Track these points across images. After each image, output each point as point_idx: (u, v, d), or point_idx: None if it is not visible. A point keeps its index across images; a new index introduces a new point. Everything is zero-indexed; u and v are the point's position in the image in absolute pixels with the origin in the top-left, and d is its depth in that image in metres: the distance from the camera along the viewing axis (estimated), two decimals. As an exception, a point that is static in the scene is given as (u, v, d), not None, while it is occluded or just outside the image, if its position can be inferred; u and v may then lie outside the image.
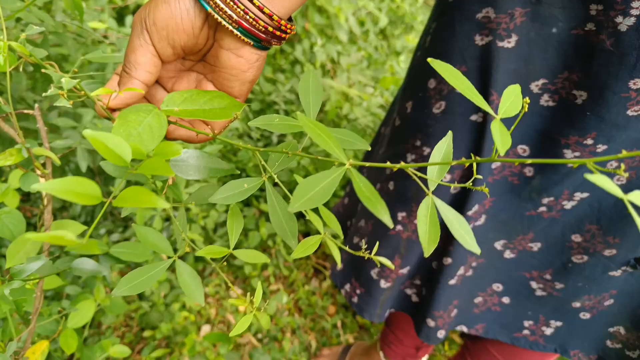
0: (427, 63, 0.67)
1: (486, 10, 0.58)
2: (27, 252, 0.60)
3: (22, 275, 0.51)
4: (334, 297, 1.48)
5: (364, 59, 2.19)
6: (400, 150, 0.76)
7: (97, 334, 1.18)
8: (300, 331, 1.34)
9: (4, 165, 0.52)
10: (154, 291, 1.23)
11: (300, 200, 0.26)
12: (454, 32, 0.62)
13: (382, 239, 0.84)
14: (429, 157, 0.70)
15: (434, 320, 0.83)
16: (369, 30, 2.27)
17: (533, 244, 0.72)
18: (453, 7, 0.62)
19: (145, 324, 1.22)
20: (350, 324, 1.40)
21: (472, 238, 0.30)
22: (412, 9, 2.68)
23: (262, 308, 0.52)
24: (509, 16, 0.56)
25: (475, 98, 0.28)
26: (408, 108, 0.74)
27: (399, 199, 0.79)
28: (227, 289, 1.41)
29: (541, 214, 0.68)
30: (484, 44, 0.59)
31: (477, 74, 0.61)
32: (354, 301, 0.94)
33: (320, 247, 1.59)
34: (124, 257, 0.60)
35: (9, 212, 0.61)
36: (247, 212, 1.55)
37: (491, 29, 0.58)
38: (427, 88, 0.68)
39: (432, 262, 0.82)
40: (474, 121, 0.64)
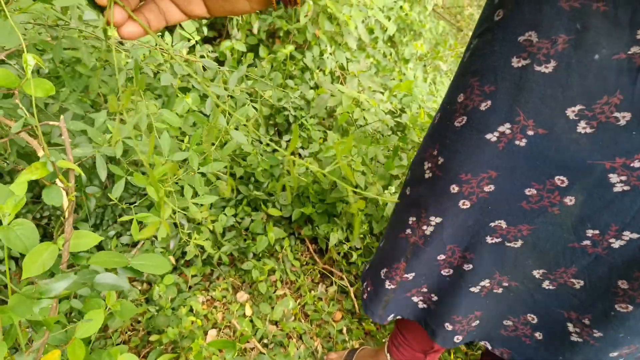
0: (462, 77, 0.68)
1: (529, 33, 0.57)
2: (44, 262, 0.61)
3: (50, 293, 0.52)
4: (340, 303, 1.49)
5: (372, 66, 2.20)
6: (421, 157, 0.78)
7: (104, 337, 1.19)
8: (306, 337, 1.34)
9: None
10: (161, 295, 1.24)
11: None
12: (493, 51, 0.62)
13: (394, 240, 0.85)
14: (442, 166, 0.71)
15: (452, 324, 0.84)
16: (377, 38, 2.27)
17: (575, 280, 0.70)
18: (497, 27, 0.62)
19: (152, 327, 1.23)
20: (356, 330, 1.40)
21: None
22: (421, 17, 2.69)
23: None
24: (552, 42, 0.56)
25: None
26: (436, 119, 0.75)
27: (413, 204, 0.80)
28: (234, 293, 1.42)
29: (585, 247, 0.66)
30: (519, 67, 0.59)
31: (506, 94, 0.61)
32: (364, 297, 0.96)
33: (327, 252, 1.60)
34: (144, 269, 0.60)
35: (21, 223, 0.61)
36: (255, 217, 1.56)
37: (530, 53, 0.58)
38: (456, 102, 0.69)
39: (443, 270, 0.83)
40: (488, 139, 0.65)
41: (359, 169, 1.46)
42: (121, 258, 0.65)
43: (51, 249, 0.61)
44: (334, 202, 1.57)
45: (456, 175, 0.70)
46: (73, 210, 0.65)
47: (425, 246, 0.79)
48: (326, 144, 1.68)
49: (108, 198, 1.28)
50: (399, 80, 2.34)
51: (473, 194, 0.70)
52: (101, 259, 0.64)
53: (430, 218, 0.76)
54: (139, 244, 1.30)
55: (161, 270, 0.66)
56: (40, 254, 0.60)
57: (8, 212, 0.59)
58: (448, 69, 3.08)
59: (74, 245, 0.65)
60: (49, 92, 0.64)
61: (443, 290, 0.85)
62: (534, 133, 0.61)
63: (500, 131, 0.63)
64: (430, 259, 0.81)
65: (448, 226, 0.75)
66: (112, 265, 0.64)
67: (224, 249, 1.42)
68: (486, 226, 0.72)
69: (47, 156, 0.62)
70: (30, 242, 0.61)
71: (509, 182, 0.66)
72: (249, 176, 1.63)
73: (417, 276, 0.85)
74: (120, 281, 0.64)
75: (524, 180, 0.65)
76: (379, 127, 1.81)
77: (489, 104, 0.64)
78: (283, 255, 1.54)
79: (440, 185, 0.72)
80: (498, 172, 0.66)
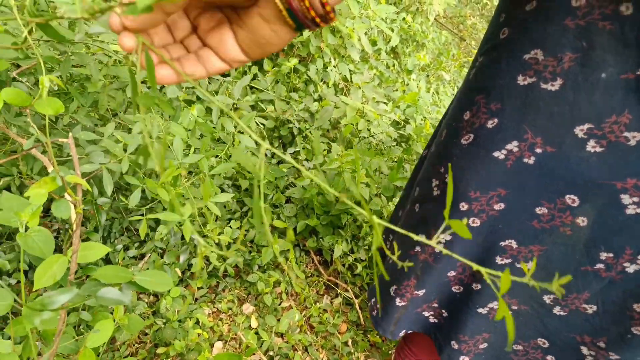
0: (468, 95, 0.69)
1: (535, 51, 0.58)
2: (54, 274, 0.62)
3: (53, 306, 0.53)
4: (345, 315, 1.49)
5: (375, 77, 2.21)
6: (428, 174, 0.78)
7: (112, 350, 1.20)
8: (312, 349, 1.35)
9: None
10: (168, 308, 1.25)
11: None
12: (498, 69, 0.63)
13: (403, 259, 0.85)
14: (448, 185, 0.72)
15: (458, 344, 0.84)
16: (380, 49, 2.29)
17: (588, 305, 0.68)
18: (503, 45, 0.63)
19: (159, 340, 1.24)
20: (361, 342, 1.40)
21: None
22: (423, 27, 2.71)
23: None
24: (557, 60, 0.56)
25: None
26: (443, 135, 0.76)
27: (422, 222, 0.81)
28: (239, 305, 1.43)
29: (598, 271, 0.64)
30: (525, 84, 0.60)
31: (513, 112, 0.61)
32: (373, 314, 0.96)
33: (332, 264, 1.60)
34: (148, 285, 0.61)
35: (38, 230, 0.63)
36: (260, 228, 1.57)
37: (537, 71, 0.58)
38: (462, 119, 0.69)
39: (453, 287, 0.83)
40: (496, 157, 0.65)
41: (363, 180, 1.47)
42: (126, 273, 0.66)
43: (61, 260, 0.62)
44: (338, 214, 1.58)
45: (465, 193, 0.70)
46: (80, 223, 0.66)
47: (435, 263, 0.80)
48: (330, 156, 1.69)
49: (116, 210, 1.29)
50: (402, 91, 2.36)
51: (483, 211, 0.70)
52: (106, 273, 0.66)
53: (440, 236, 0.76)
54: (146, 256, 1.31)
55: (164, 288, 0.67)
56: (51, 265, 0.61)
57: (25, 220, 0.61)
58: (451, 79, 3.10)
59: (83, 257, 0.66)
60: (59, 110, 0.66)
61: (452, 306, 0.85)
62: (543, 151, 0.61)
63: (508, 149, 0.64)
64: (441, 275, 0.81)
65: (458, 243, 0.75)
66: (116, 280, 0.65)
67: (230, 261, 1.42)
68: (496, 245, 0.72)
69: (57, 172, 0.63)
70: (47, 248, 0.63)
71: (519, 200, 0.66)
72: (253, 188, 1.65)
73: (427, 292, 0.85)
74: (123, 296, 0.65)
75: (534, 199, 0.65)
76: (382, 138, 1.82)
77: (495, 122, 0.64)
78: (288, 267, 1.55)
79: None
80: (507, 190, 0.66)
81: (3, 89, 0.62)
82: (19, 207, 0.65)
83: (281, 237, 1.61)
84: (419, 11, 2.76)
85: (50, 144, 0.59)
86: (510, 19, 0.63)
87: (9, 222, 0.63)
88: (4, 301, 0.61)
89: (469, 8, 3.87)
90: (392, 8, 2.04)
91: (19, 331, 0.69)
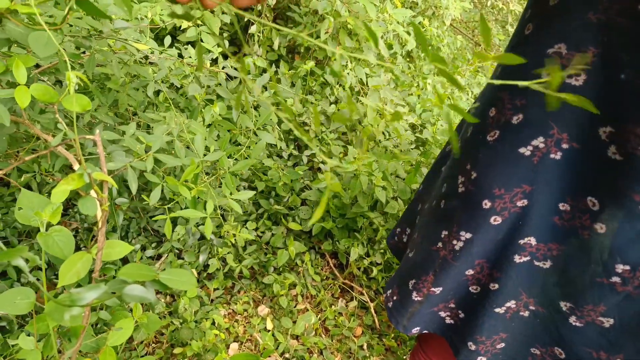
0: (494, 91, 0.68)
1: (558, 45, 0.57)
2: (78, 271, 0.62)
3: (82, 302, 0.53)
4: (360, 318, 1.48)
5: (391, 81, 2.21)
6: (455, 171, 0.77)
7: (129, 349, 1.20)
8: (327, 352, 1.34)
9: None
10: (186, 308, 1.25)
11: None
12: (523, 65, 0.63)
13: (425, 253, 0.84)
14: (475, 181, 0.71)
15: (475, 345, 0.82)
16: (396, 53, 2.29)
17: (604, 319, 0.65)
18: (527, 40, 0.62)
19: (175, 340, 1.24)
20: (377, 346, 1.39)
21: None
22: (439, 32, 2.71)
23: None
24: (581, 54, 0.56)
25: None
26: (468, 132, 0.75)
27: (446, 218, 0.80)
28: (255, 307, 1.42)
29: (614, 285, 0.61)
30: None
31: (538, 107, 0.61)
32: (389, 305, 0.95)
33: (347, 267, 1.59)
34: (171, 284, 0.61)
35: (59, 230, 0.63)
36: (276, 230, 1.57)
37: (561, 65, 0.57)
38: (488, 116, 0.69)
39: (470, 287, 0.82)
40: (521, 154, 0.64)
41: (380, 184, 1.46)
42: (149, 271, 0.66)
43: (85, 258, 0.62)
44: (354, 217, 1.57)
45: (489, 191, 0.69)
46: (105, 220, 0.66)
47: (453, 261, 0.79)
48: (346, 159, 1.69)
49: (133, 210, 1.29)
50: (417, 95, 2.35)
51: (505, 209, 0.69)
52: (130, 271, 0.65)
53: (460, 233, 0.75)
54: (163, 256, 1.31)
55: (188, 286, 0.66)
56: (75, 263, 0.61)
57: (46, 219, 0.61)
58: (465, 84, 3.09)
59: (107, 255, 0.66)
60: (86, 107, 0.66)
61: (469, 308, 0.84)
62: (569, 147, 0.60)
63: (534, 145, 0.63)
64: (459, 273, 0.80)
65: (477, 242, 0.74)
66: (140, 278, 0.65)
67: (245, 263, 1.42)
68: (515, 243, 0.71)
69: (84, 169, 0.64)
70: (68, 249, 0.62)
71: (544, 196, 0.65)
72: (269, 190, 1.65)
73: (444, 291, 0.84)
74: (148, 294, 0.65)
75: (559, 195, 0.64)
76: (398, 142, 1.82)
77: (520, 118, 0.63)
78: (303, 269, 1.54)
79: (473, 200, 0.71)
80: (532, 186, 0.66)
81: (32, 85, 0.63)
82: (39, 206, 0.65)
83: (297, 239, 1.61)
84: (434, 15, 2.76)
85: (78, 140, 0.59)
86: (535, 15, 0.63)
87: (28, 222, 0.62)
88: (27, 299, 0.61)
89: (484, 13, 3.85)
90: (409, 12, 2.04)
91: (42, 328, 0.69)
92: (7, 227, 1.16)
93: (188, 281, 0.68)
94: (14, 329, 1.15)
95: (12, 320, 1.14)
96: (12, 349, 1.04)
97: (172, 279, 0.67)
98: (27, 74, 0.66)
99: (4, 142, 0.80)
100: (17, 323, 1.14)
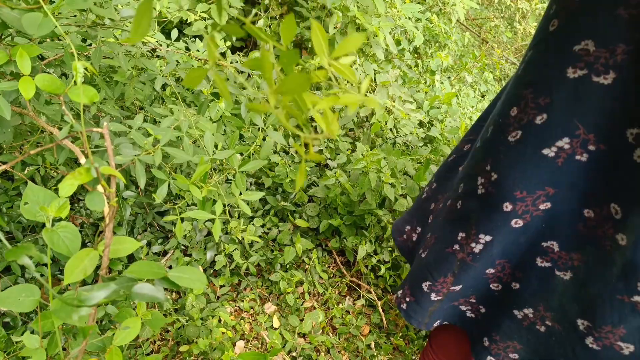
0: (516, 89, 0.65)
1: (585, 42, 0.55)
2: (85, 269, 0.60)
3: (91, 301, 0.51)
4: (367, 317, 1.46)
5: (399, 77, 2.18)
6: (473, 171, 0.75)
7: (134, 346, 1.18)
8: (334, 350, 1.32)
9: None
10: (194, 305, 1.23)
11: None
12: (547, 62, 0.60)
13: (440, 255, 0.82)
14: (495, 183, 0.68)
15: (489, 342, 0.80)
16: (404, 49, 2.26)
17: (624, 344, 0.61)
18: (552, 37, 0.60)
19: (181, 337, 1.22)
20: (384, 344, 1.37)
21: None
22: (446, 28, 2.68)
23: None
24: (610, 52, 0.53)
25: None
26: (489, 132, 0.72)
27: (463, 219, 0.77)
28: (261, 304, 1.40)
29: (635, 305, 0.58)
30: (576, 77, 0.56)
31: (562, 106, 0.58)
32: (403, 307, 0.92)
33: (354, 264, 1.57)
34: (181, 282, 0.59)
35: (65, 226, 0.60)
36: (283, 227, 1.55)
37: (587, 63, 0.55)
38: (509, 115, 0.66)
39: (492, 284, 0.79)
40: (545, 155, 0.62)
41: (389, 181, 1.44)
42: (159, 269, 0.64)
43: (92, 255, 0.60)
44: (362, 214, 1.55)
45: (510, 193, 0.66)
46: (113, 216, 0.64)
47: (473, 263, 0.76)
48: (354, 155, 1.66)
49: (139, 206, 1.27)
50: (425, 92, 2.33)
51: (527, 212, 0.66)
52: (139, 269, 0.63)
53: (479, 236, 0.73)
54: (169, 253, 1.29)
55: (198, 285, 0.64)
56: (82, 260, 0.59)
57: (52, 214, 0.59)
58: (473, 81, 3.06)
59: (114, 251, 0.64)
60: (93, 99, 0.64)
61: (490, 303, 0.82)
62: (596, 148, 0.58)
63: (559, 146, 0.60)
64: (479, 272, 0.78)
65: (498, 244, 0.72)
66: (149, 275, 0.63)
67: (252, 259, 1.40)
68: (538, 245, 0.68)
69: (91, 163, 0.61)
70: (74, 246, 0.60)
71: (568, 200, 0.63)
72: (276, 187, 1.63)
73: (464, 288, 0.82)
74: (158, 292, 0.63)
75: (584, 199, 0.61)
76: (409, 139, 1.79)
77: (544, 117, 0.61)
78: (310, 267, 1.52)
79: (493, 203, 0.69)
80: (556, 189, 0.63)
81: (37, 76, 0.60)
82: (45, 200, 0.63)
83: (304, 236, 1.59)
84: (442, 12, 2.73)
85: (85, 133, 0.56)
86: (560, 10, 0.60)
87: (34, 217, 0.60)
88: (31, 296, 0.59)
89: (493, 9, 3.82)
90: (418, 7, 2.02)
91: (47, 326, 0.67)
92: (11, 222, 1.14)
93: (198, 279, 0.65)
94: (17, 325, 1.13)
95: (15, 316, 1.13)
96: (15, 345, 1.02)
97: (181, 277, 0.65)
98: (31, 64, 0.64)
99: (9, 134, 0.78)
100: (20, 319, 1.13)
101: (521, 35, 3.61)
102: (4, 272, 1.17)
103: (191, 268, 0.64)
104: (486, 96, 3.11)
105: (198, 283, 0.65)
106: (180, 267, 0.65)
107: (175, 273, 0.64)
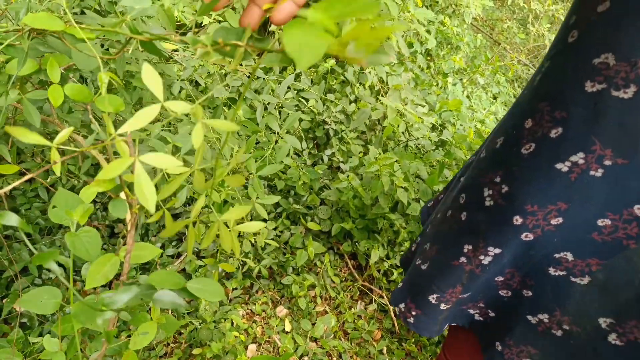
0: (531, 101, 0.65)
1: (605, 55, 0.54)
2: (106, 274, 0.61)
3: (115, 305, 0.52)
4: (380, 322, 1.46)
5: (411, 80, 2.18)
6: (478, 181, 0.74)
7: (147, 348, 1.19)
8: (346, 355, 1.32)
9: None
10: (207, 308, 1.24)
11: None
12: (564, 75, 0.59)
13: (445, 267, 0.81)
14: (506, 195, 0.68)
15: (502, 346, 0.80)
16: (416, 51, 2.26)
17: None
18: (571, 49, 0.59)
19: (194, 340, 1.23)
20: (397, 350, 1.37)
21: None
22: (459, 30, 2.67)
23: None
24: (631, 65, 0.52)
25: None
26: (498, 143, 0.71)
27: (469, 231, 0.77)
28: (273, 308, 1.41)
29: None
30: (594, 91, 0.56)
31: (579, 121, 0.58)
32: (410, 321, 0.92)
33: (366, 268, 1.57)
34: (199, 293, 0.59)
35: (87, 230, 0.61)
36: (295, 230, 1.55)
37: (607, 76, 0.54)
38: (523, 127, 0.65)
39: (501, 291, 0.79)
40: (558, 169, 0.61)
41: (402, 185, 1.43)
42: (178, 279, 0.65)
43: (113, 260, 0.61)
44: (374, 218, 1.55)
45: (522, 206, 0.65)
46: (135, 223, 0.65)
47: (482, 274, 0.76)
48: (366, 158, 1.66)
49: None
50: (437, 95, 2.32)
51: (538, 227, 0.66)
52: (159, 278, 0.64)
53: (489, 249, 0.72)
54: (182, 256, 1.30)
55: (216, 297, 0.65)
56: (104, 265, 0.60)
57: (76, 219, 0.60)
58: (485, 83, 3.05)
59: (135, 257, 0.65)
60: (119, 108, 0.64)
61: (500, 308, 0.81)
62: (613, 163, 0.57)
63: (573, 161, 0.59)
64: (488, 280, 0.78)
65: (507, 255, 0.71)
66: (170, 286, 0.63)
67: (264, 262, 1.41)
68: (550, 257, 0.67)
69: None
70: (94, 251, 0.61)
71: (581, 214, 0.62)
72: (288, 189, 1.63)
73: (473, 294, 0.82)
74: (179, 300, 0.64)
75: (597, 211, 0.61)
76: (423, 142, 1.79)
77: (560, 131, 0.60)
78: (322, 270, 1.52)
79: (503, 216, 0.68)
80: (568, 204, 0.62)
81: (66, 85, 0.61)
82: (73, 205, 0.64)
83: (316, 239, 1.59)
84: (455, 14, 2.72)
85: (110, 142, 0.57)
86: (580, 21, 0.59)
87: (61, 221, 0.61)
88: (53, 298, 0.60)
89: (505, 11, 3.80)
90: (430, 13, 2.01)
91: (66, 330, 0.67)
92: (29, 224, 1.15)
93: (216, 291, 0.66)
94: (34, 325, 1.14)
95: (32, 317, 1.14)
96: (32, 346, 1.03)
97: (200, 289, 0.66)
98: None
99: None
100: (37, 320, 1.14)
101: (534, 36, 3.59)
102: (22, 272, 1.19)
103: (208, 280, 0.64)
104: (498, 98, 3.10)
105: (216, 295, 0.65)
106: (198, 278, 0.65)
107: (194, 284, 0.64)
